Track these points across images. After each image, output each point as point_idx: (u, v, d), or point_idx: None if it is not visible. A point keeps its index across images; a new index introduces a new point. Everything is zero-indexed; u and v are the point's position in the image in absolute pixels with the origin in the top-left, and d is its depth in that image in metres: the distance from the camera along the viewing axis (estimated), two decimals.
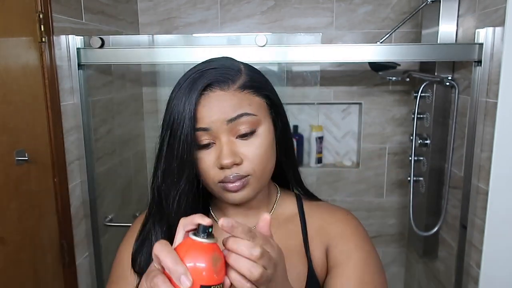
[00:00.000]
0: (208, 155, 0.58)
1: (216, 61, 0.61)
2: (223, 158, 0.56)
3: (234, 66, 0.60)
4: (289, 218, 0.68)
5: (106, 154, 1.49)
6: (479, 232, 1.20)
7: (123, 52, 1.26)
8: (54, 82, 1.17)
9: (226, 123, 0.56)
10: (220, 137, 0.57)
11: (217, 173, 0.58)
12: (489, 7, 1.15)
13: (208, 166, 0.58)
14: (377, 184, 1.90)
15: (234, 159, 0.56)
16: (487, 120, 1.16)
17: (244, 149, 0.58)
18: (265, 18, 1.78)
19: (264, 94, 0.61)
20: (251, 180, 0.59)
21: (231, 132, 0.57)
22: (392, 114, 1.84)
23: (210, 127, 0.56)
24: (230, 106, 0.56)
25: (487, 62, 1.15)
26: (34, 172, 1.11)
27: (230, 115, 0.56)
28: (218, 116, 0.56)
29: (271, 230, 0.63)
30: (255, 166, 0.58)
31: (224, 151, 0.56)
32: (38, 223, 1.13)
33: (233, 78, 0.58)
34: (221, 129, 0.57)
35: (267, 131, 0.60)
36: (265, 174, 0.61)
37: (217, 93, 0.57)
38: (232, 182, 0.58)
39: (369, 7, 1.74)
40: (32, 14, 1.10)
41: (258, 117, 0.58)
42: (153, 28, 1.82)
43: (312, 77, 1.65)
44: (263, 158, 0.59)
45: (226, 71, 0.58)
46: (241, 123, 0.57)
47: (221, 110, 0.56)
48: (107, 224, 1.44)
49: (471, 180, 1.23)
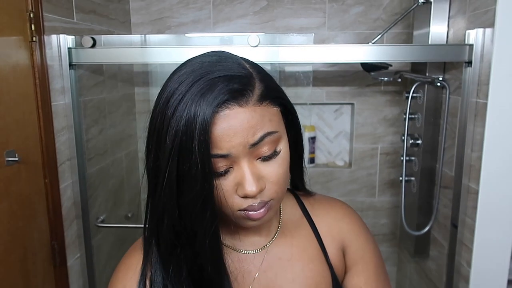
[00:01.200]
0: (225, 181, 0.49)
1: (218, 62, 0.49)
2: (248, 186, 0.47)
3: (243, 70, 0.49)
4: (297, 222, 0.64)
5: (97, 155, 1.48)
6: (470, 231, 1.21)
7: (115, 52, 1.25)
8: (45, 82, 1.16)
9: (248, 147, 0.47)
10: (240, 162, 0.48)
11: (238, 201, 0.49)
12: (479, 9, 1.17)
13: (226, 193, 0.49)
14: (369, 184, 1.92)
15: (260, 187, 0.48)
16: (478, 120, 1.17)
17: (266, 172, 0.50)
18: (257, 19, 1.79)
19: (281, 103, 0.51)
20: (273, 203, 0.52)
21: (252, 155, 0.48)
22: (384, 115, 1.85)
23: (230, 153, 0.46)
24: (252, 127, 0.46)
25: (477, 63, 1.17)
26: (25, 173, 1.09)
27: (253, 138, 0.46)
28: (240, 140, 0.46)
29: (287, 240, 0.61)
30: (278, 188, 0.51)
31: (247, 178, 0.48)
32: (28, 224, 1.12)
33: (249, 89, 0.47)
34: (242, 153, 0.47)
35: (286, 145, 0.52)
36: (284, 194, 0.54)
37: (235, 111, 0.45)
38: (256, 210, 0.50)
39: (361, 8, 1.75)
40: (22, 13, 1.09)
41: (279, 133, 0.50)
42: (145, 28, 1.81)
43: (305, 78, 1.66)
44: (286, 176, 0.52)
45: (239, 79, 0.47)
46: (263, 144, 0.48)
47: (243, 133, 0.46)
48: (99, 225, 1.43)
49: (462, 180, 1.24)
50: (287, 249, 0.61)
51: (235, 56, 0.52)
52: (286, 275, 0.59)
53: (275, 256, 0.60)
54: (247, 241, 0.60)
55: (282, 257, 0.60)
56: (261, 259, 0.59)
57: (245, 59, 0.53)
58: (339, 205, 0.68)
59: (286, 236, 0.62)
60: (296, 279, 0.59)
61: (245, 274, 0.59)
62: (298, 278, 0.59)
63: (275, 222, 0.62)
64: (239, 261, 0.59)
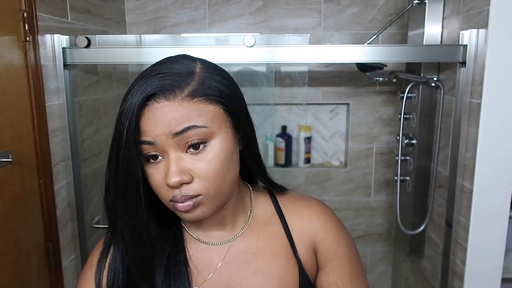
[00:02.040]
0: (158, 171, 0.53)
1: (168, 63, 0.55)
2: (169, 177, 0.51)
3: (186, 69, 0.53)
4: (268, 219, 0.65)
5: (92, 155, 1.47)
6: (464, 230, 1.22)
7: (110, 52, 1.24)
8: (38, 82, 1.15)
9: (171, 137, 0.51)
10: (167, 152, 0.52)
11: (166, 191, 0.53)
12: (473, 9, 1.17)
13: (157, 183, 0.53)
14: (364, 183, 1.92)
15: (181, 178, 0.51)
16: (472, 120, 1.18)
17: (194, 165, 0.52)
18: (253, 19, 1.79)
19: (219, 101, 0.53)
20: (203, 200, 0.53)
21: (179, 147, 0.51)
22: (379, 115, 1.86)
23: (155, 141, 0.51)
24: (175, 119, 0.50)
25: (471, 63, 1.18)
26: (19, 174, 1.09)
27: (175, 128, 0.50)
28: (163, 130, 0.50)
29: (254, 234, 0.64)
30: (207, 183, 0.53)
31: (170, 169, 0.51)
32: (22, 226, 1.11)
33: (180, 85, 0.51)
34: (167, 143, 0.51)
35: (223, 143, 0.53)
36: (221, 190, 0.55)
37: (162, 104, 0.51)
38: (181, 202, 0.52)
39: (356, 8, 1.76)
40: (16, 12, 1.08)
41: (209, 129, 0.52)
42: (141, 27, 1.81)
43: (300, 78, 1.66)
44: (218, 174, 0.53)
45: (174, 77, 0.52)
46: (188, 136, 0.51)
47: (165, 123, 0.50)
48: (94, 226, 1.43)
49: (456, 179, 1.25)
50: (252, 243, 0.63)
51: (192, 58, 0.57)
52: (249, 267, 0.61)
53: (239, 249, 0.62)
54: (212, 234, 0.63)
55: (246, 251, 0.62)
56: (225, 251, 0.62)
57: (205, 61, 0.57)
58: (312, 202, 0.68)
59: (254, 232, 0.64)
60: (259, 272, 0.61)
61: (207, 264, 0.61)
62: (261, 271, 0.61)
63: (242, 217, 0.64)
64: (202, 251, 0.62)
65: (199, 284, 0.60)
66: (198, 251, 0.62)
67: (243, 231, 0.64)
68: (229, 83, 0.57)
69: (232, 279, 0.61)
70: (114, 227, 0.58)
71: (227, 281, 0.61)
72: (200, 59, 0.58)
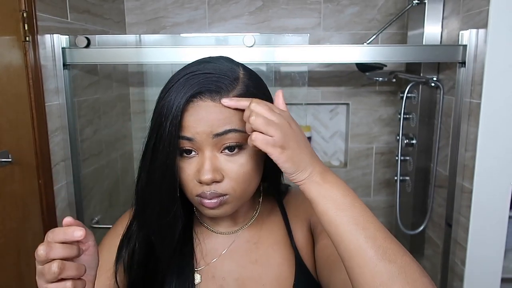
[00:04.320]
0: (189, 165, 0.55)
1: (213, 62, 0.56)
2: (203, 173, 0.53)
3: (232, 73, 0.55)
4: (271, 211, 0.70)
5: (92, 155, 1.47)
6: (464, 230, 1.22)
7: (110, 52, 1.24)
8: (38, 82, 1.15)
9: (212, 137, 0.53)
10: (203, 149, 0.54)
11: (195, 186, 0.55)
12: (473, 10, 1.18)
13: (187, 177, 0.55)
14: (364, 183, 1.92)
15: (214, 176, 0.53)
16: (471, 120, 1.18)
17: (227, 166, 0.54)
18: (253, 19, 1.79)
19: None
20: (229, 199, 0.56)
21: (215, 146, 0.54)
22: (379, 115, 1.86)
23: (194, 138, 0.53)
24: (219, 120, 0.52)
25: (470, 63, 1.18)
26: (18, 174, 1.08)
27: (217, 129, 0.52)
28: (204, 128, 0.52)
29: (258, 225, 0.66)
30: (235, 185, 0.55)
31: (205, 166, 0.53)
32: (22, 226, 1.11)
33: (227, 88, 0.53)
34: (205, 142, 0.53)
35: (256, 150, 0.54)
36: (246, 193, 0.58)
37: (207, 103, 0.52)
38: (209, 198, 0.55)
39: (356, 8, 1.76)
40: (15, 12, 1.08)
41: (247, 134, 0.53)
42: (140, 27, 1.80)
43: (300, 78, 1.66)
44: (246, 177, 0.56)
45: (221, 79, 0.53)
46: (227, 138, 0.53)
47: (208, 122, 0.52)
48: (94, 226, 1.43)
49: (456, 179, 1.25)
50: (256, 233, 0.67)
51: (234, 62, 0.58)
52: (250, 256, 0.65)
53: (244, 239, 0.66)
54: (221, 224, 0.67)
55: (250, 240, 0.66)
56: (231, 241, 0.66)
57: (246, 67, 0.59)
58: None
59: (258, 223, 0.68)
60: (259, 260, 0.65)
61: (213, 250, 0.66)
62: (260, 259, 0.65)
63: (251, 211, 0.68)
64: (209, 238, 0.66)
65: (201, 267, 0.64)
66: (206, 238, 0.66)
67: (250, 224, 0.67)
68: (267, 92, 0.59)
69: (232, 267, 0.64)
70: (142, 213, 0.61)
71: (227, 268, 0.64)
72: (241, 64, 0.59)
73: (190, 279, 0.62)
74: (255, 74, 0.59)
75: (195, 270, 0.63)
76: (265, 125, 0.46)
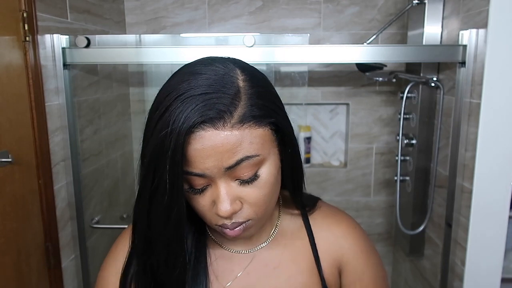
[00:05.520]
0: (203, 197, 0.50)
1: (205, 73, 0.47)
2: (220, 208, 0.48)
3: (231, 85, 0.46)
4: (295, 232, 0.62)
5: (92, 155, 1.47)
6: (464, 230, 1.22)
7: (110, 52, 1.24)
8: (38, 82, 1.15)
9: (224, 170, 0.46)
10: (216, 181, 0.48)
11: (213, 217, 0.50)
12: (473, 10, 1.17)
13: (203, 208, 0.50)
14: (364, 183, 1.92)
15: (233, 209, 0.48)
16: (471, 120, 1.18)
17: (245, 193, 0.49)
18: (253, 19, 1.79)
19: (268, 121, 0.48)
20: (252, 223, 0.52)
21: (229, 176, 0.48)
22: (379, 115, 1.86)
23: (204, 173, 0.47)
24: (228, 151, 0.45)
25: (470, 63, 1.18)
26: (18, 174, 1.08)
27: (228, 162, 0.46)
28: (214, 163, 0.46)
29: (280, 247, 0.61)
30: (257, 209, 0.50)
31: (222, 199, 0.48)
32: (22, 226, 1.11)
33: (229, 109, 0.45)
34: (217, 175, 0.47)
35: (272, 166, 0.50)
36: (268, 212, 0.53)
37: (210, 133, 0.45)
38: (231, 229, 0.51)
39: (356, 8, 1.76)
40: (15, 12, 1.08)
41: (261, 157, 0.48)
42: (140, 27, 1.80)
43: (300, 78, 1.66)
44: (267, 198, 0.51)
45: (221, 99, 0.45)
46: (241, 168, 0.47)
47: (216, 156, 0.45)
48: (94, 226, 1.43)
49: (456, 179, 1.25)
50: (276, 257, 0.60)
51: (228, 65, 0.49)
52: (270, 281, 0.59)
53: (262, 261, 0.60)
54: (236, 242, 0.60)
55: (269, 264, 0.60)
56: (248, 261, 0.60)
57: (244, 67, 0.50)
58: (343, 220, 0.64)
59: (279, 244, 0.61)
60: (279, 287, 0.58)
61: (227, 272, 0.59)
62: (281, 287, 0.58)
63: (269, 228, 0.61)
64: (224, 257, 0.60)
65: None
66: (220, 258, 0.60)
67: (268, 242, 0.61)
68: (271, 93, 0.51)
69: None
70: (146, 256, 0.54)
71: None
72: (237, 63, 0.51)
73: None
74: (256, 74, 0.51)
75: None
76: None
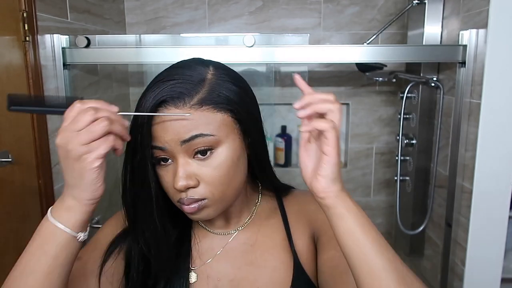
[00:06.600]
0: (167, 173, 0.56)
1: (181, 68, 0.56)
2: (176, 181, 0.54)
3: (198, 76, 0.55)
4: (270, 213, 0.69)
5: None
6: (464, 230, 1.22)
7: (110, 52, 1.24)
8: (38, 82, 1.15)
9: (180, 144, 0.53)
10: (176, 156, 0.54)
11: (174, 193, 0.56)
12: (473, 10, 1.18)
13: (167, 184, 0.57)
14: (364, 183, 1.92)
15: (187, 183, 0.54)
16: (471, 120, 1.18)
17: (201, 171, 0.55)
18: (253, 19, 1.79)
19: (228, 109, 0.55)
20: (208, 203, 0.56)
21: (187, 153, 0.54)
22: (379, 115, 1.86)
23: (165, 147, 0.54)
24: (184, 126, 0.53)
25: (470, 63, 1.18)
26: (18, 174, 1.08)
27: (183, 136, 0.53)
28: (171, 137, 0.53)
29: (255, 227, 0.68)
30: (212, 188, 0.55)
31: (178, 173, 0.54)
32: (22, 226, 1.11)
33: (190, 93, 0.53)
34: (176, 149, 0.54)
35: (230, 150, 0.56)
36: (227, 194, 0.58)
37: (171, 111, 0.53)
38: (187, 204, 0.56)
39: (356, 8, 1.76)
40: (15, 12, 1.08)
41: (216, 137, 0.54)
42: (140, 27, 1.80)
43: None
44: (223, 179, 0.56)
45: (185, 84, 0.53)
46: (195, 144, 0.53)
47: (174, 130, 0.53)
48: (94, 226, 1.42)
49: (456, 179, 1.25)
50: (253, 235, 0.67)
51: (205, 63, 0.58)
52: (246, 257, 0.65)
53: (240, 240, 0.67)
54: (217, 224, 0.67)
55: (246, 242, 0.66)
56: (227, 241, 0.67)
57: (221, 67, 0.58)
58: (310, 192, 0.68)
59: (255, 225, 0.68)
60: (255, 262, 0.65)
61: (209, 250, 0.66)
62: (257, 261, 0.65)
63: (246, 212, 0.68)
64: (206, 237, 0.67)
65: (197, 266, 0.65)
66: (203, 238, 0.67)
67: (246, 225, 0.68)
68: (240, 90, 0.58)
69: (228, 268, 0.65)
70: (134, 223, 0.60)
71: (222, 269, 0.65)
72: (214, 63, 0.59)
73: (185, 277, 0.63)
74: (228, 72, 0.58)
75: (191, 268, 0.64)
76: (339, 122, 0.50)
